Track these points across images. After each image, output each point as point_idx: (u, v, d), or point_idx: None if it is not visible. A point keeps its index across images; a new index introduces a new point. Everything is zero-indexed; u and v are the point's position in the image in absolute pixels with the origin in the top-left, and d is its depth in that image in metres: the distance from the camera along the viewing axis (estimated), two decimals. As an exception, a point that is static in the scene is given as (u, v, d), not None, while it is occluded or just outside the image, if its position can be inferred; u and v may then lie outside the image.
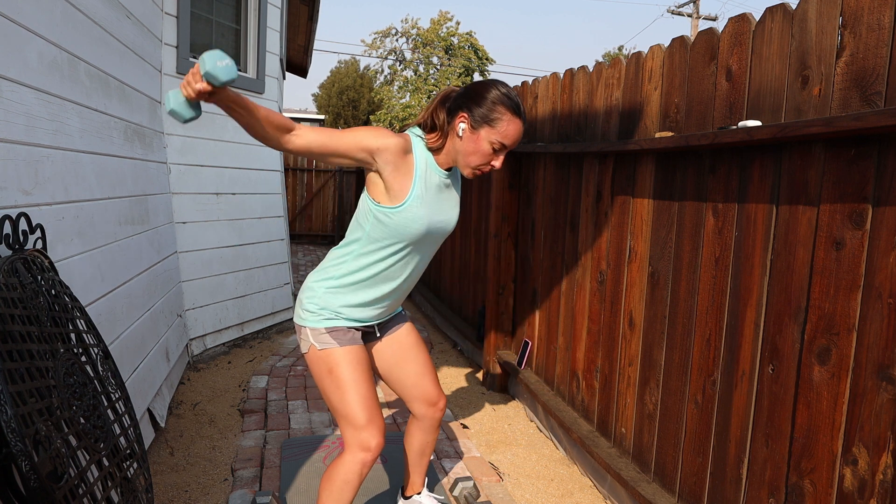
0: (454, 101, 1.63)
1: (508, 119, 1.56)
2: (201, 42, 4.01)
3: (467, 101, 1.59)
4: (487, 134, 1.56)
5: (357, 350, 1.70)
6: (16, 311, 1.38)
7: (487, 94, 1.57)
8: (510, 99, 1.57)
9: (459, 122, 1.59)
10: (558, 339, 2.95)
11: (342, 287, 1.70)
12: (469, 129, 1.58)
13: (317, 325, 1.68)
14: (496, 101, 1.56)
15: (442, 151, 1.65)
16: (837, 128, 1.37)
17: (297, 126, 1.51)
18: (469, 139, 1.59)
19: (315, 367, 1.69)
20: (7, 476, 1.25)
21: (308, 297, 1.71)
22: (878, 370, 1.35)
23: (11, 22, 1.73)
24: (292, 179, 10.40)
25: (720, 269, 1.83)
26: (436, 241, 1.73)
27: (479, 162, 1.60)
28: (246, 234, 4.40)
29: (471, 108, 1.58)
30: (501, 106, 1.55)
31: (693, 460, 1.95)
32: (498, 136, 1.56)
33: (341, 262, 1.71)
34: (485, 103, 1.56)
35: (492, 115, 1.55)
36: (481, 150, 1.58)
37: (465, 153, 1.60)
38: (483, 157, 1.59)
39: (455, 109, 1.61)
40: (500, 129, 1.56)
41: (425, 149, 1.65)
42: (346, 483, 1.65)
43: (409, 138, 1.62)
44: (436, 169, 1.66)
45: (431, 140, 1.65)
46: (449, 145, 1.64)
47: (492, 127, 1.56)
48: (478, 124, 1.57)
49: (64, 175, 2.05)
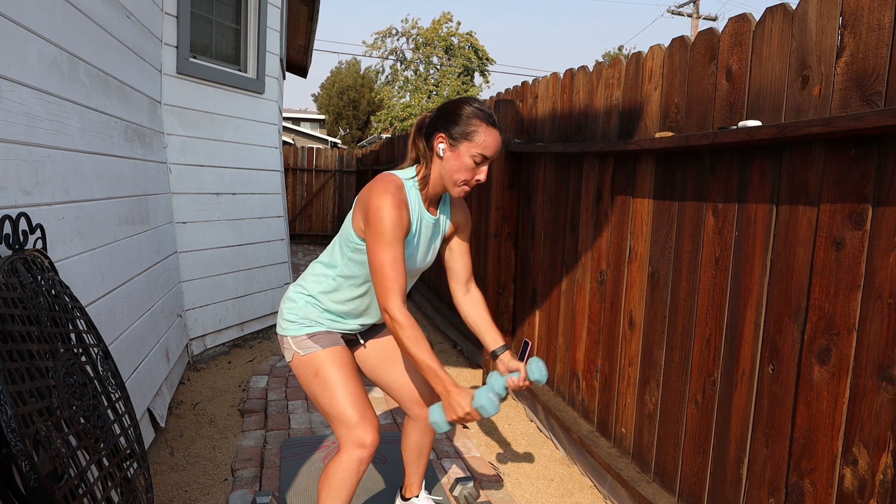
0: (429, 126, 1.67)
1: (484, 130, 1.59)
2: (201, 42, 4.01)
3: (442, 122, 1.63)
4: (467, 148, 1.59)
5: (340, 350, 1.73)
6: (16, 311, 1.38)
7: (461, 111, 1.60)
8: (483, 111, 1.61)
9: (438, 142, 1.63)
10: (558, 339, 2.95)
11: (321, 302, 1.76)
12: (448, 148, 1.62)
13: (298, 332, 1.72)
14: (470, 116, 1.59)
15: (430, 181, 1.68)
16: (837, 128, 1.37)
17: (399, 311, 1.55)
18: (450, 157, 1.62)
19: (301, 372, 1.72)
20: (7, 476, 1.25)
21: (289, 307, 1.76)
22: (878, 370, 1.35)
23: (11, 22, 1.73)
24: (292, 179, 10.40)
25: (720, 269, 1.83)
26: (415, 276, 1.80)
27: (464, 177, 1.63)
28: (246, 234, 4.40)
29: (447, 127, 1.61)
30: (476, 119, 1.59)
31: (693, 460, 1.95)
32: (478, 149, 1.59)
33: (319, 280, 1.76)
34: (460, 120, 1.60)
35: (468, 129, 1.59)
36: (464, 165, 1.61)
37: (450, 172, 1.63)
38: (467, 171, 1.62)
39: (431, 132, 1.65)
40: (479, 142, 1.59)
41: (418, 195, 1.69)
42: (345, 481, 1.65)
43: (402, 188, 1.64)
44: (425, 214, 1.71)
45: (419, 173, 1.69)
46: (434, 171, 1.67)
47: (470, 141, 1.59)
48: (456, 141, 1.60)
49: (64, 175, 2.05)
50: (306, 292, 1.76)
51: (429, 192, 1.70)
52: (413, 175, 1.70)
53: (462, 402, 1.52)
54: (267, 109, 4.66)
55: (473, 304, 1.87)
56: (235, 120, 4.29)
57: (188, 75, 3.79)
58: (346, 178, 10.69)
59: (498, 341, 1.80)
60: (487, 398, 1.52)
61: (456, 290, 1.88)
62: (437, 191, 1.71)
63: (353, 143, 34.60)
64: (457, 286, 1.88)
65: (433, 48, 26.37)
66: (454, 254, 1.86)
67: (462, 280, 1.87)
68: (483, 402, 1.52)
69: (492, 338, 1.82)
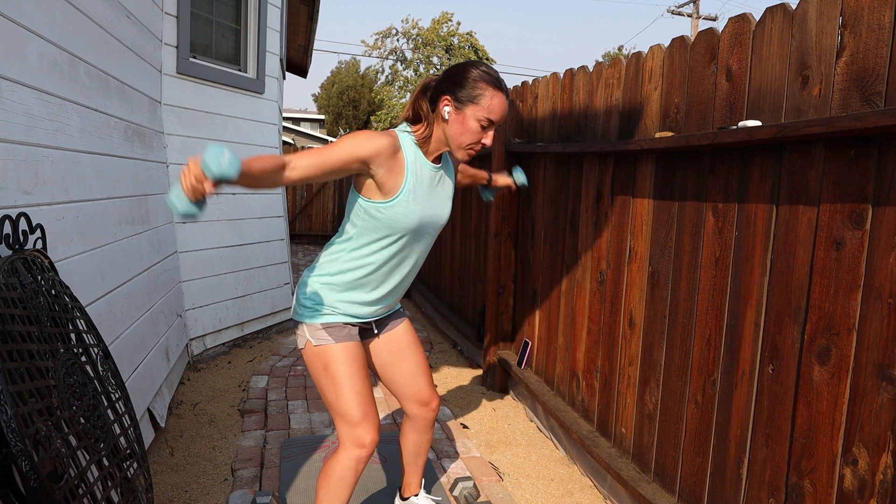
0: (435, 89, 1.64)
1: (491, 94, 1.57)
2: (201, 42, 4.01)
3: (448, 85, 1.60)
4: (473, 112, 1.58)
5: (353, 346, 1.70)
6: (16, 311, 1.38)
7: (468, 74, 1.58)
8: (490, 75, 1.59)
9: (444, 105, 1.61)
10: (558, 339, 2.95)
11: (338, 283, 1.70)
12: (454, 111, 1.60)
13: (313, 320, 1.69)
14: (477, 79, 1.57)
15: (430, 141, 1.66)
16: (837, 128, 1.37)
17: (289, 159, 1.47)
18: (455, 120, 1.60)
19: (311, 362, 1.70)
20: (7, 476, 1.25)
21: (304, 292, 1.72)
22: (878, 370, 1.35)
23: (11, 22, 1.73)
24: (292, 179, 10.37)
25: (720, 269, 1.83)
26: (429, 235, 1.73)
27: (469, 140, 1.61)
28: (246, 234, 4.40)
29: (453, 90, 1.59)
30: (482, 82, 1.57)
31: (693, 460, 1.95)
32: (484, 112, 1.58)
33: (335, 258, 1.71)
34: (466, 83, 1.58)
35: (475, 93, 1.57)
36: (469, 128, 1.59)
37: (455, 135, 1.61)
38: (473, 135, 1.60)
39: (437, 95, 1.63)
40: (485, 105, 1.57)
41: (413, 143, 1.66)
42: (343, 480, 1.65)
43: (396, 136, 1.63)
44: (425, 162, 1.67)
45: (418, 131, 1.67)
46: (437, 133, 1.65)
47: (476, 104, 1.57)
48: (462, 104, 1.58)
49: (64, 175, 2.05)
50: (322, 273, 1.72)
51: (429, 150, 1.68)
52: (407, 130, 1.68)
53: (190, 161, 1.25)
54: (267, 109, 4.66)
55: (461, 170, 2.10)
56: (235, 120, 4.29)
57: (188, 75, 3.79)
58: (346, 178, 10.68)
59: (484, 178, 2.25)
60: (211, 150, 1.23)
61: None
62: (439, 151, 1.68)
63: (352, 143, 34.46)
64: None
65: (433, 48, 26.38)
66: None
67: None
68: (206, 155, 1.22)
69: (478, 177, 2.22)
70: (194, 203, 1.24)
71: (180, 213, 1.24)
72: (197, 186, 1.22)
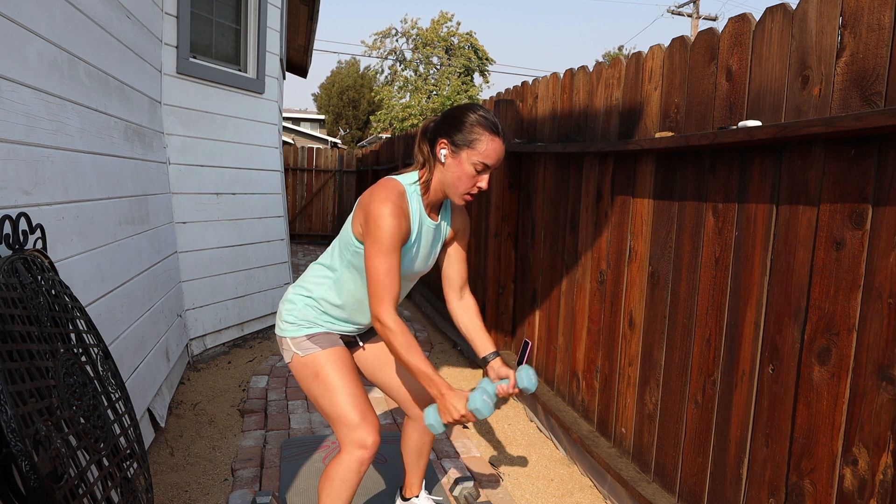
0: (433, 131, 1.66)
1: (488, 139, 1.58)
2: (201, 42, 4.01)
3: (446, 128, 1.62)
4: (469, 156, 1.59)
5: (340, 351, 1.73)
6: (16, 311, 1.38)
7: (465, 118, 1.59)
8: (487, 119, 1.59)
9: (440, 148, 1.62)
10: (558, 339, 2.95)
11: (321, 306, 1.75)
12: (450, 155, 1.61)
13: (297, 334, 1.72)
14: (474, 124, 1.58)
15: (431, 186, 1.68)
16: (837, 128, 1.37)
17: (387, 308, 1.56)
18: (452, 164, 1.61)
19: (301, 374, 1.72)
20: (7, 476, 1.25)
21: (288, 309, 1.76)
22: (878, 370, 1.35)
23: (11, 22, 1.73)
24: (292, 179, 10.40)
25: (720, 269, 1.83)
26: (414, 280, 1.79)
27: (465, 186, 1.62)
28: (246, 234, 4.40)
29: (450, 133, 1.60)
30: (479, 127, 1.58)
31: (693, 460, 1.95)
32: (480, 157, 1.58)
33: (320, 283, 1.76)
34: (463, 127, 1.59)
35: (471, 137, 1.58)
36: (465, 172, 1.60)
37: (451, 179, 1.62)
38: (468, 179, 1.61)
39: (434, 138, 1.64)
40: (481, 150, 1.58)
41: (419, 200, 1.68)
42: (345, 482, 1.65)
43: (404, 193, 1.64)
44: (425, 219, 1.70)
45: (422, 176, 1.69)
46: (436, 176, 1.66)
47: (472, 149, 1.58)
48: (458, 148, 1.59)
49: (64, 175, 2.05)
50: (306, 294, 1.76)
51: (430, 198, 1.69)
52: (415, 180, 1.69)
53: (457, 404, 1.54)
54: (267, 109, 4.66)
55: (466, 310, 1.88)
56: (235, 120, 4.29)
57: (188, 75, 3.79)
58: (346, 178, 10.69)
59: (489, 348, 1.83)
60: (482, 401, 1.55)
61: (450, 296, 1.89)
62: (439, 196, 1.70)
63: (352, 143, 34.61)
64: (451, 292, 1.88)
65: (433, 48, 26.37)
66: (451, 260, 1.86)
67: (457, 287, 1.87)
68: (478, 405, 1.54)
69: (483, 344, 1.84)
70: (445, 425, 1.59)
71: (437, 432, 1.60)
72: (461, 422, 1.56)
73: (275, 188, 4.82)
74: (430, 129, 1.68)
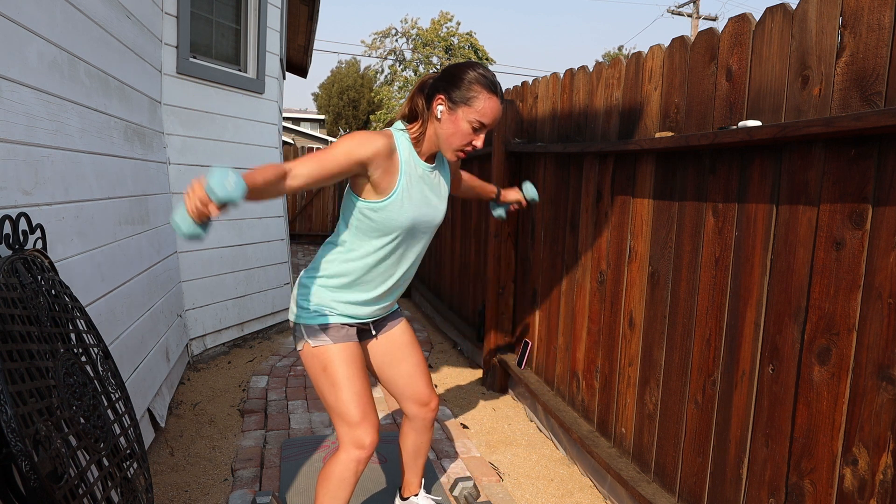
0: (431, 86, 1.65)
1: (485, 97, 1.57)
2: (201, 42, 4.01)
3: (444, 84, 1.60)
4: (465, 113, 1.58)
5: (352, 347, 1.70)
6: (16, 311, 1.38)
7: (463, 75, 1.58)
8: (486, 78, 1.58)
9: (437, 104, 1.61)
10: (558, 339, 2.95)
11: (335, 285, 1.71)
12: (447, 111, 1.60)
13: (311, 321, 1.69)
14: (472, 81, 1.57)
15: (424, 139, 1.66)
16: (837, 128, 1.37)
17: (290, 167, 1.45)
18: (448, 120, 1.60)
19: (309, 364, 1.70)
20: (7, 476, 1.25)
21: (301, 293, 1.72)
22: (878, 370, 1.35)
23: (11, 22, 1.73)
24: (292, 179, 10.37)
25: (720, 269, 1.83)
26: (424, 234, 1.73)
27: (459, 143, 1.61)
28: (246, 234, 4.40)
29: (448, 90, 1.59)
30: (477, 85, 1.57)
31: (693, 460, 1.95)
32: (476, 115, 1.57)
33: (332, 259, 1.71)
34: (461, 84, 1.57)
35: (468, 95, 1.57)
36: (461, 130, 1.59)
37: (446, 135, 1.61)
38: (463, 136, 1.60)
39: (432, 93, 1.63)
40: (478, 108, 1.57)
41: (408, 142, 1.66)
42: (343, 481, 1.65)
43: (391, 135, 1.63)
44: (419, 162, 1.67)
45: (413, 129, 1.67)
46: (430, 131, 1.65)
47: (469, 106, 1.57)
48: (455, 105, 1.58)
49: (64, 175, 2.05)
50: (318, 274, 1.72)
51: (422, 149, 1.68)
52: (403, 128, 1.68)
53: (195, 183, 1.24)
54: (267, 109, 4.66)
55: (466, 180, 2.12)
56: (235, 120, 4.29)
57: (188, 75, 3.79)
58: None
59: (492, 192, 2.24)
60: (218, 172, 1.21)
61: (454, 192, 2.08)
62: (431, 149, 1.68)
63: (352, 143, 34.48)
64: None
65: (433, 48, 26.37)
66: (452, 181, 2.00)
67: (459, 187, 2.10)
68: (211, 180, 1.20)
69: (486, 191, 2.21)
70: (199, 225, 1.23)
71: (185, 234, 1.22)
72: (202, 209, 1.21)
73: (275, 188, 4.81)
74: (428, 84, 1.67)
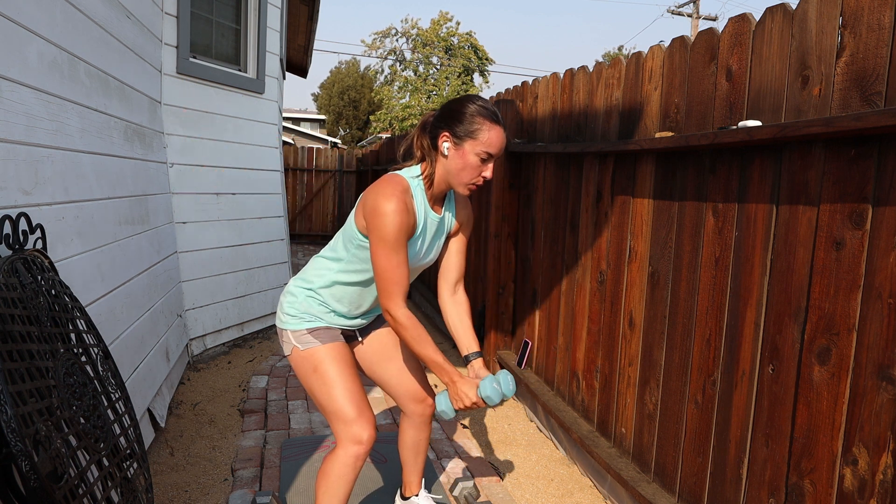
0: (433, 125, 1.67)
1: (489, 127, 1.59)
2: (201, 42, 4.01)
3: (446, 121, 1.62)
4: (472, 147, 1.59)
5: (339, 346, 1.74)
6: (16, 311, 1.38)
7: (464, 110, 1.60)
8: (486, 109, 1.60)
9: (443, 141, 1.63)
10: (558, 339, 2.95)
11: (322, 297, 1.76)
12: (453, 147, 1.62)
13: (298, 327, 1.73)
14: (474, 114, 1.59)
15: (434, 179, 1.68)
16: (837, 128, 1.37)
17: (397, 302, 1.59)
18: (455, 156, 1.62)
19: (299, 367, 1.73)
20: (7, 476, 1.25)
21: (289, 301, 1.76)
22: (878, 370, 1.35)
23: (11, 22, 1.73)
24: (292, 179, 10.40)
25: (720, 269, 1.83)
26: (415, 272, 1.79)
27: (470, 176, 1.63)
28: (246, 234, 4.40)
29: (451, 126, 1.61)
30: (479, 117, 1.59)
31: (693, 460, 1.95)
32: (482, 147, 1.59)
33: (322, 273, 1.76)
34: (463, 118, 1.59)
35: (472, 128, 1.59)
36: (469, 163, 1.61)
37: (456, 170, 1.63)
38: (473, 169, 1.62)
39: (436, 131, 1.65)
40: (483, 139, 1.59)
41: (422, 191, 1.68)
42: (341, 478, 1.67)
43: (408, 188, 1.64)
44: (430, 213, 1.71)
45: (424, 171, 1.69)
46: (439, 169, 1.67)
47: (474, 139, 1.59)
48: (461, 140, 1.60)
49: (64, 175, 2.05)
50: (308, 286, 1.76)
51: (434, 191, 1.70)
52: (418, 174, 1.69)
53: (468, 391, 1.61)
54: (267, 109, 4.66)
55: (458, 306, 1.86)
56: (235, 120, 4.29)
57: (188, 75, 3.79)
58: (346, 178, 10.69)
59: (472, 347, 1.81)
60: (492, 388, 1.62)
61: (443, 289, 1.86)
62: (443, 188, 1.70)
63: (353, 143, 34.61)
64: (445, 286, 1.86)
65: (433, 48, 26.36)
66: (451, 252, 1.86)
67: (452, 281, 1.86)
68: (489, 392, 1.61)
69: (468, 343, 1.81)
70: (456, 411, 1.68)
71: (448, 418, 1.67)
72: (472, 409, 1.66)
73: (275, 188, 4.82)
74: (429, 124, 1.69)
